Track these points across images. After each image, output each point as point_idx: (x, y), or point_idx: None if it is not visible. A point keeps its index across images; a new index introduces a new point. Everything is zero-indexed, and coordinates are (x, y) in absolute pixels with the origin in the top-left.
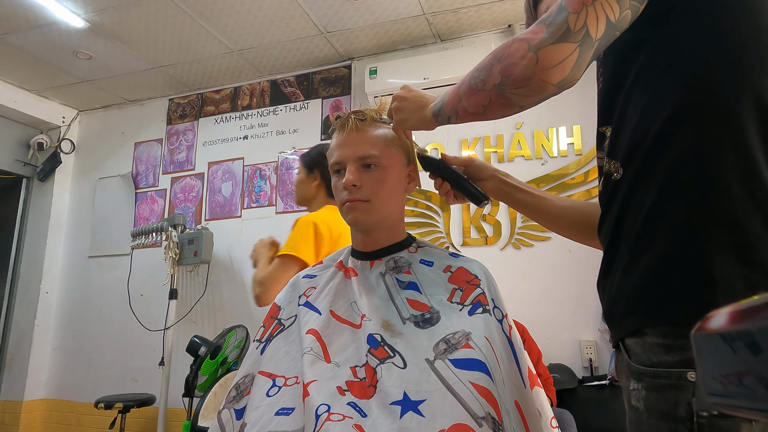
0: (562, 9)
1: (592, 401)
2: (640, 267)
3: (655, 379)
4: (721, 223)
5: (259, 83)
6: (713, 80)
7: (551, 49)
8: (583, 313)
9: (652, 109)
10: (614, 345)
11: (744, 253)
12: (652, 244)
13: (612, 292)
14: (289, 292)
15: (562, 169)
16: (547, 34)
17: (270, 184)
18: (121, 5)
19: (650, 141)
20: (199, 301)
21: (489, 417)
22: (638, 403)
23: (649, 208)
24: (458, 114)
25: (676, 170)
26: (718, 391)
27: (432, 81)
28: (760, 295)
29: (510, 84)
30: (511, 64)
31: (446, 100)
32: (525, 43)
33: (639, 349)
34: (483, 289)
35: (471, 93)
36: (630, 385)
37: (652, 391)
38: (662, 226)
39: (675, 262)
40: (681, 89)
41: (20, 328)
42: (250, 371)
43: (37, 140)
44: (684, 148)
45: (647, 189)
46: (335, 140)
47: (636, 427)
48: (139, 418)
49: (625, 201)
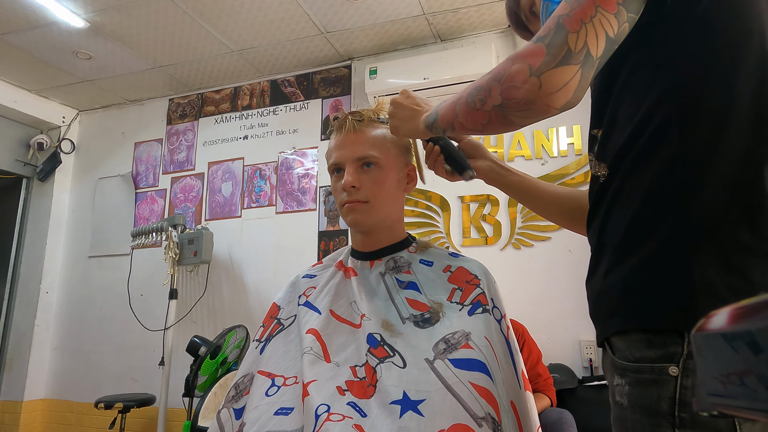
0: (561, 27)
1: (592, 401)
2: (624, 270)
3: (637, 374)
4: (705, 229)
5: (259, 83)
6: (700, 88)
7: (554, 74)
8: (583, 313)
9: (640, 115)
10: (599, 344)
11: (728, 259)
12: (636, 247)
13: (596, 292)
14: (288, 292)
15: (562, 169)
16: (549, 57)
17: (270, 184)
18: (121, 5)
19: (637, 146)
20: (199, 301)
21: (489, 417)
22: (622, 398)
23: (635, 211)
24: (455, 128)
25: (662, 176)
26: (719, 391)
27: (432, 81)
28: (760, 295)
29: (512, 107)
30: (512, 88)
31: (441, 113)
32: (526, 66)
33: (623, 345)
34: (483, 288)
35: (469, 112)
36: (614, 381)
37: (635, 387)
38: (647, 231)
39: (658, 267)
40: (668, 96)
41: (20, 328)
42: (249, 371)
43: (37, 140)
44: (670, 155)
45: (633, 193)
46: (333, 141)
47: (620, 423)
48: (139, 418)
49: (612, 203)
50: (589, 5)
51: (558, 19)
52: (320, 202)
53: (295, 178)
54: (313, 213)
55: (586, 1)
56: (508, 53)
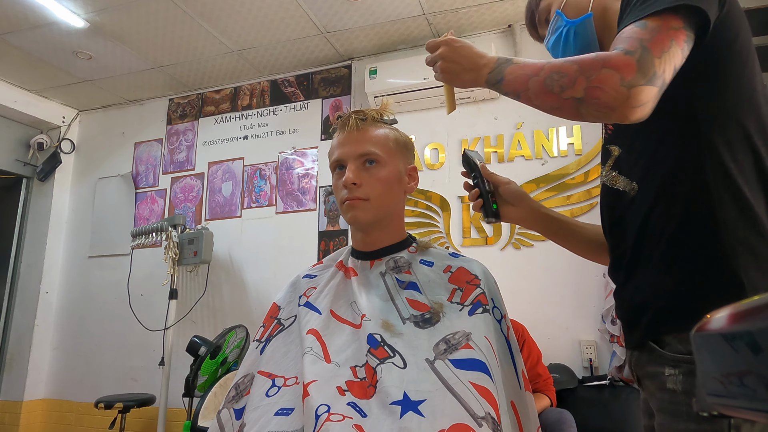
0: (647, 50)
1: (592, 401)
2: (672, 282)
3: (691, 365)
4: (737, 242)
5: (259, 83)
6: (720, 124)
7: (642, 90)
8: (583, 313)
9: (667, 139)
10: (636, 345)
11: (759, 265)
12: (680, 261)
13: (639, 300)
14: (289, 292)
15: (562, 169)
16: (640, 74)
17: (270, 184)
18: (121, 5)
19: (668, 167)
20: (199, 301)
21: (489, 417)
22: (676, 386)
23: (674, 229)
24: (519, 97)
25: (696, 195)
26: (719, 392)
27: (432, 81)
28: (760, 296)
29: (593, 105)
30: (600, 90)
31: (508, 78)
32: (618, 75)
33: (672, 340)
34: (483, 289)
35: (544, 92)
36: (665, 372)
37: (690, 375)
38: (688, 246)
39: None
40: (691, 128)
41: (20, 328)
42: (249, 371)
43: (37, 140)
44: (701, 178)
45: (670, 210)
46: (336, 139)
47: (674, 406)
48: (139, 418)
49: (647, 218)
50: (665, 38)
51: (642, 42)
52: (320, 202)
53: (295, 178)
54: (313, 213)
55: (663, 33)
56: (508, 53)
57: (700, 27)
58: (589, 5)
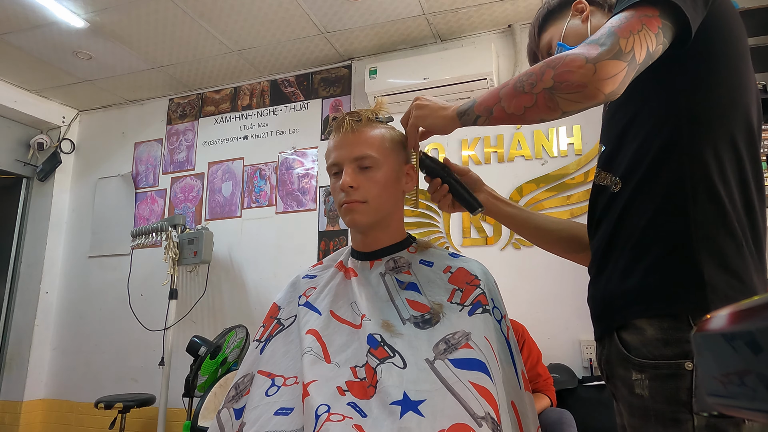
0: (612, 33)
1: (592, 401)
2: (640, 269)
3: (656, 370)
4: (705, 238)
5: (259, 83)
6: (703, 124)
7: (608, 64)
8: (583, 313)
9: (651, 136)
10: (601, 336)
11: (722, 262)
12: (649, 251)
13: (609, 288)
14: (289, 292)
15: (562, 169)
16: (604, 50)
17: (270, 184)
18: (121, 5)
19: (648, 163)
20: (199, 301)
21: (488, 417)
22: (642, 391)
23: (647, 221)
24: (492, 114)
25: (672, 190)
26: (719, 392)
27: (432, 81)
28: (761, 296)
29: (563, 89)
30: (567, 71)
31: (479, 101)
32: (582, 56)
33: (638, 344)
34: (483, 289)
35: (515, 95)
36: (632, 376)
37: (655, 381)
38: (659, 237)
39: (671, 267)
40: (674, 126)
41: (20, 328)
42: (249, 371)
43: (37, 140)
44: (678, 175)
45: (646, 204)
46: (332, 142)
47: (641, 411)
48: (139, 418)
49: (624, 211)
50: (636, 22)
51: (610, 28)
52: (320, 202)
53: (295, 178)
54: (313, 213)
55: (634, 18)
56: (508, 53)
57: (681, 23)
58: (587, 32)
